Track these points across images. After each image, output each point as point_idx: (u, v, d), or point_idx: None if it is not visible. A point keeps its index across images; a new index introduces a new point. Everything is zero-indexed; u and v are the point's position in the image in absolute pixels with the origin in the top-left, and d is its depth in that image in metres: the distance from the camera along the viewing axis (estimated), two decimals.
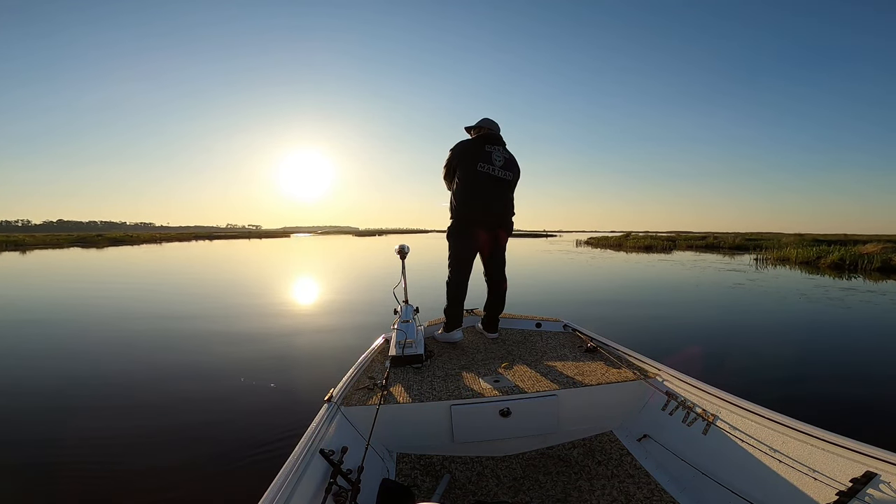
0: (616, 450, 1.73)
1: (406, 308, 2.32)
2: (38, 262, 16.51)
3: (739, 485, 1.31)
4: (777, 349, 4.44)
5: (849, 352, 4.44)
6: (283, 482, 1.09)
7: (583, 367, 2.04)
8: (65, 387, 3.42)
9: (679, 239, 32.20)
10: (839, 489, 1.08)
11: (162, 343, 4.66)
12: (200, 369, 3.83)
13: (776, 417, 1.34)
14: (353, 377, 1.88)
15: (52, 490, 2.08)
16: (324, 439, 1.37)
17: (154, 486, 2.12)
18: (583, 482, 1.55)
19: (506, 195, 2.52)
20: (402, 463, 1.66)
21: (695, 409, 1.61)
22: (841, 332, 5.27)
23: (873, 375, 3.65)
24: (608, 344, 2.27)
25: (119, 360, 4.06)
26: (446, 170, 2.54)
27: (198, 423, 2.74)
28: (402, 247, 2.52)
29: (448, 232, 2.52)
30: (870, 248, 15.97)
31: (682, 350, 4.37)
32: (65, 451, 2.42)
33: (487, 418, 1.71)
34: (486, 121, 2.56)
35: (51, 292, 8.46)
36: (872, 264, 13.32)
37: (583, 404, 1.82)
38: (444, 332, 2.52)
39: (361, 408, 1.65)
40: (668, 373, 1.83)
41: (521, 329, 2.79)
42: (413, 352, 2.10)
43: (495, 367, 2.08)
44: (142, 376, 3.63)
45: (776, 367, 3.82)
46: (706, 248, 26.03)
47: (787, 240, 26.58)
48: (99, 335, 5.03)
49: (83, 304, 7.13)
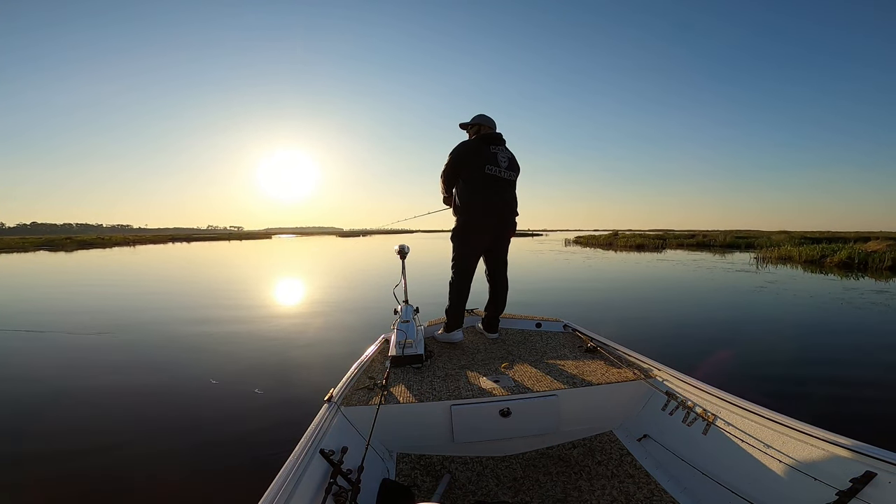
0: (616, 450, 1.73)
1: (406, 308, 2.31)
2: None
3: (739, 485, 1.32)
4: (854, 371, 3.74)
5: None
6: (283, 482, 1.09)
7: (583, 367, 2.04)
8: (66, 386, 3.36)
9: (668, 237, 32.43)
10: (839, 489, 1.08)
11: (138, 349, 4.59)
12: (193, 369, 3.78)
13: (776, 417, 1.35)
14: (353, 377, 1.86)
15: (52, 492, 2.06)
16: (324, 439, 1.36)
17: (154, 486, 2.11)
18: (583, 482, 1.55)
19: (511, 196, 2.50)
20: (402, 463, 1.65)
21: (695, 409, 1.62)
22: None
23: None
24: (608, 344, 2.27)
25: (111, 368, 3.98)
26: (448, 171, 2.45)
27: (198, 424, 2.72)
28: (402, 247, 2.50)
29: (453, 233, 2.48)
30: (873, 245, 15.67)
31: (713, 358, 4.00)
32: (65, 451, 2.39)
33: (487, 418, 1.71)
34: (483, 118, 2.52)
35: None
36: (883, 263, 12.93)
37: (583, 404, 1.82)
38: (445, 333, 2.51)
39: (361, 408, 1.64)
40: (668, 373, 1.83)
41: (522, 329, 2.79)
42: (413, 352, 2.09)
43: (495, 368, 2.08)
44: (136, 380, 3.57)
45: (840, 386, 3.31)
46: (697, 247, 26.08)
47: (776, 238, 26.80)
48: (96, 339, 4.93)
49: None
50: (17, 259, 20.59)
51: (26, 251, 29.64)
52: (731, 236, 29.65)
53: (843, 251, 14.70)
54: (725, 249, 24.12)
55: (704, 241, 29.32)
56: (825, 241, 21.77)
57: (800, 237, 26.56)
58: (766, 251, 18.91)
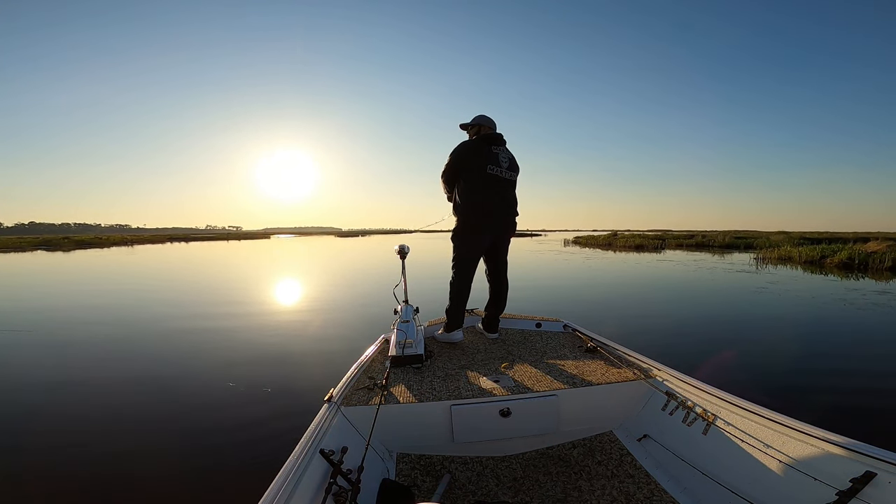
0: (616, 450, 1.73)
1: (406, 308, 2.30)
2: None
3: (739, 485, 1.32)
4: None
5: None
6: (283, 482, 1.09)
7: (583, 367, 2.04)
8: (61, 387, 3.35)
9: (667, 238, 32.42)
10: (839, 489, 1.08)
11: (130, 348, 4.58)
12: (195, 372, 3.77)
13: (776, 417, 1.35)
14: (353, 377, 1.86)
15: (52, 494, 2.05)
16: (324, 439, 1.36)
17: (154, 486, 2.10)
18: (583, 482, 1.55)
19: (512, 196, 2.51)
20: (402, 463, 1.65)
21: (695, 409, 1.62)
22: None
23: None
24: (608, 344, 2.27)
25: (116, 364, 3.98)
26: (449, 171, 2.45)
27: (197, 425, 2.71)
28: (402, 247, 2.50)
29: (454, 233, 2.48)
30: (873, 245, 15.62)
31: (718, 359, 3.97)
32: (65, 452, 2.38)
33: (487, 418, 1.71)
34: (483, 118, 2.52)
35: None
36: (884, 263, 12.90)
37: (583, 404, 1.82)
38: (445, 332, 2.50)
39: (361, 408, 1.63)
40: (668, 373, 1.83)
41: (522, 329, 2.78)
42: (413, 352, 2.08)
43: (495, 367, 2.07)
44: (133, 380, 3.57)
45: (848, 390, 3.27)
46: (696, 247, 26.10)
47: (775, 238, 26.79)
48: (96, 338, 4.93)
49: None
50: (14, 259, 20.53)
51: (24, 251, 29.53)
52: (729, 237, 29.66)
53: (843, 252, 14.64)
54: (724, 250, 24.14)
55: (703, 241, 29.36)
56: (825, 241, 21.75)
57: (798, 237, 26.53)
58: (765, 251, 18.83)
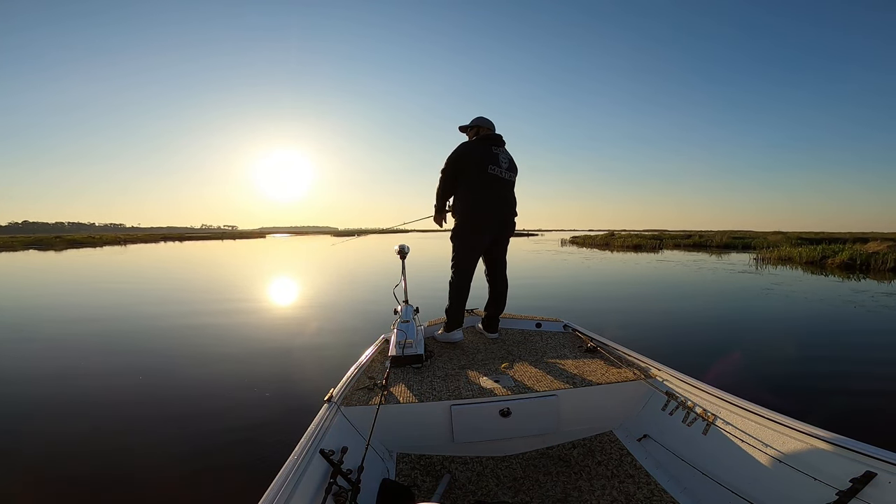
0: (616, 450, 1.73)
1: (406, 308, 2.30)
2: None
3: (739, 485, 1.32)
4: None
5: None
6: (283, 482, 1.09)
7: (583, 367, 2.04)
8: (63, 386, 3.33)
9: (664, 238, 32.47)
10: (839, 489, 1.08)
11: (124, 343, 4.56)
12: (193, 371, 3.76)
13: (776, 417, 1.35)
14: (353, 377, 1.86)
15: (52, 494, 2.04)
16: (324, 439, 1.36)
17: (154, 486, 2.09)
18: (583, 482, 1.55)
19: (511, 196, 2.51)
20: (402, 463, 1.65)
21: (695, 409, 1.62)
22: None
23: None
24: (608, 344, 2.27)
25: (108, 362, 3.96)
26: (449, 171, 2.43)
27: (197, 425, 2.70)
28: (402, 247, 2.50)
29: (453, 234, 2.48)
30: (874, 246, 15.55)
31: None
32: (64, 453, 2.37)
33: (487, 418, 1.71)
34: (482, 120, 2.53)
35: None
36: (886, 264, 12.76)
37: (583, 404, 1.82)
38: (445, 332, 2.50)
39: (361, 408, 1.63)
40: (668, 373, 1.84)
41: (522, 329, 2.79)
42: (413, 352, 2.08)
43: (495, 367, 2.07)
44: (135, 380, 3.55)
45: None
46: (694, 247, 26.08)
47: (772, 238, 26.86)
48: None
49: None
50: (3, 258, 20.36)
51: (15, 250, 29.07)
52: (727, 237, 29.70)
53: (845, 252, 14.51)
54: (722, 250, 24.14)
55: (701, 241, 29.38)
56: (824, 241, 21.79)
57: (796, 237, 26.59)
58: (764, 252, 18.69)
